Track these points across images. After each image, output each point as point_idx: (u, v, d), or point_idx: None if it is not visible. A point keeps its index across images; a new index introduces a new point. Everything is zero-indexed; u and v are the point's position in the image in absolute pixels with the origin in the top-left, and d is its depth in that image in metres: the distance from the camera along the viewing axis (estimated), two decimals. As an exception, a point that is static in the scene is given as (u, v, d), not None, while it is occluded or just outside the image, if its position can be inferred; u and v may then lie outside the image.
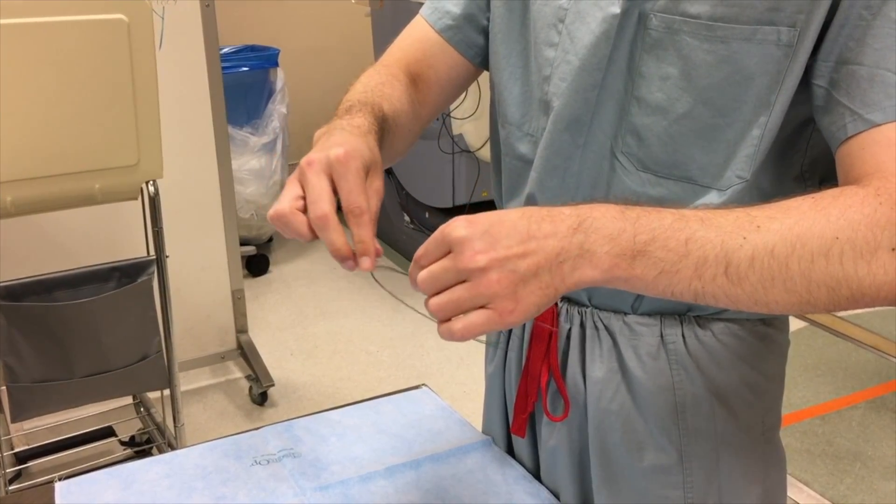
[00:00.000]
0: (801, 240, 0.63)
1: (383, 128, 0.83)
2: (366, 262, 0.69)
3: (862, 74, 0.69)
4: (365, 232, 0.69)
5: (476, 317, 0.64)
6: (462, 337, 0.64)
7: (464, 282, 0.64)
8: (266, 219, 3.54)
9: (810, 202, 0.65)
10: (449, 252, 0.64)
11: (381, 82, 0.91)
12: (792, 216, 0.64)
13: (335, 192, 0.70)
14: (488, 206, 1.02)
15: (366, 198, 0.70)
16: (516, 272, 0.63)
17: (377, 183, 0.74)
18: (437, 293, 0.65)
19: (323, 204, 0.68)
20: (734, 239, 0.63)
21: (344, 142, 0.72)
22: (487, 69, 0.99)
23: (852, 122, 0.70)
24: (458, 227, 0.64)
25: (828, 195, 0.65)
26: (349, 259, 0.69)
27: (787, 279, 0.63)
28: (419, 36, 0.98)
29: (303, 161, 0.72)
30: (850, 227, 0.62)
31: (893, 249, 0.62)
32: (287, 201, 0.70)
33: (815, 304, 0.64)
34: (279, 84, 3.54)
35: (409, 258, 0.71)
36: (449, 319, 0.65)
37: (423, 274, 0.66)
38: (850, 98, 0.70)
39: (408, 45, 0.99)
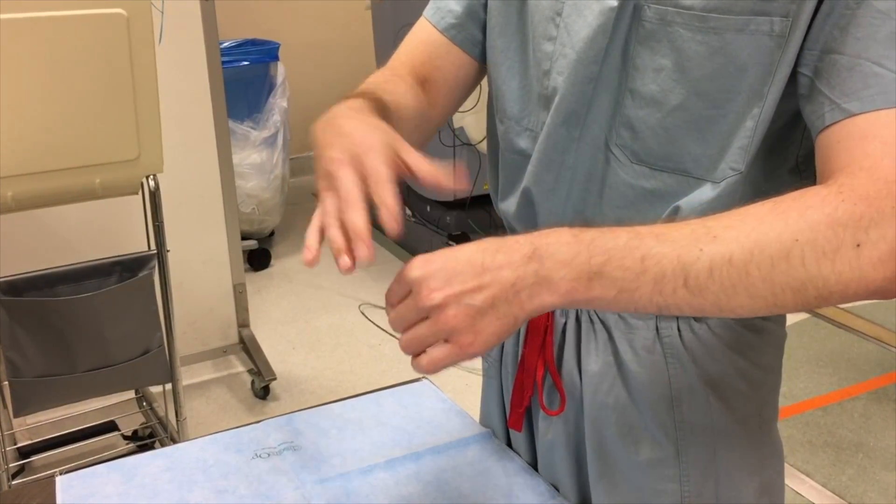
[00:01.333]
0: (758, 245, 0.63)
1: (384, 114, 0.83)
2: (392, 228, 0.69)
3: (843, 64, 0.69)
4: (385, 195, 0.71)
5: (438, 352, 0.66)
6: (429, 371, 0.67)
7: (426, 319, 0.65)
8: (267, 213, 3.56)
9: (769, 206, 0.65)
10: (410, 292, 0.66)
11: (384, 79, 0.91)
12: (749, 223, 0.64)
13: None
14: (490, 198, 1.02)
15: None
16: (472, 306, 0.64)
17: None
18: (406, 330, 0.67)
19: (352, 198, 0.70)
20: (690, 252, 0.63)
21: (353, 129, 0.75)
22: None
23: (830, 112, 0.70)
24: (414, 267, 0.67)
25: (788, 198, 0.65)
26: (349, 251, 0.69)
27: (748, 285, 0.63)
28: (423, 38, 0.98)
29: (324, 163, 0.73)
30: (809, 229, 0.62)
31: (858, 245, 0.62)
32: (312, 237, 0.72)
33: (783, 306, 0.64)
34: (280, 78, 3.54)
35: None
36: (419, 354, 0.67)
37: (391, 315, 0.68)
38: (830, 87, 0.70)
39: (412, 48, 0.98)
